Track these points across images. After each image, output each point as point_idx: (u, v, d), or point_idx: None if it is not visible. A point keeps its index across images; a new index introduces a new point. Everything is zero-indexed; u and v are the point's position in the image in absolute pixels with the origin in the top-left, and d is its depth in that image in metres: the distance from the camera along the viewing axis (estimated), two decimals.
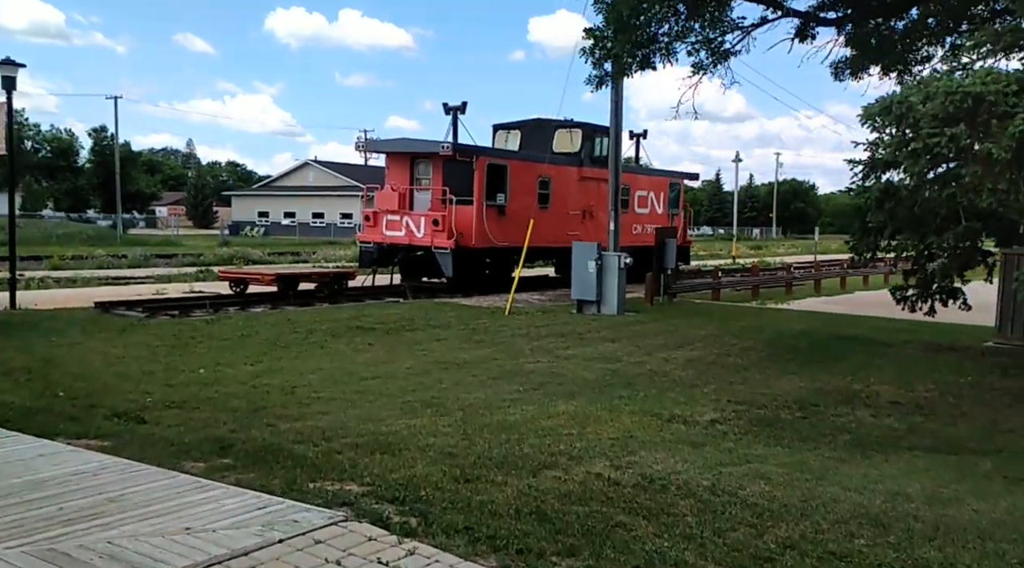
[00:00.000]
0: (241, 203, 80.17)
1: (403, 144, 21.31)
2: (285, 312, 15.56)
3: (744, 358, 11.37)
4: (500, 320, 15.08)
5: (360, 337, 12.70)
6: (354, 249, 37.56)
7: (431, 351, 11.55)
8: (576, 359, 11.04)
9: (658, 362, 10.93)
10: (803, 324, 15.16)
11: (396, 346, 11.95)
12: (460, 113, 22.60)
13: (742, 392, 9.20)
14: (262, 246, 45.91)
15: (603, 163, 24.21)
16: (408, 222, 20.55)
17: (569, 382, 9.51)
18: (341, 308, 16.46)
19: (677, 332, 13.83)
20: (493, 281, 21.43)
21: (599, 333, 13.60)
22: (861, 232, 10.44)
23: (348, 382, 9.13)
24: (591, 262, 16.82)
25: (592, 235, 23.84)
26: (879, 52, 15.35)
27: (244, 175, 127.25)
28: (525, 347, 12.01)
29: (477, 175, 20.30)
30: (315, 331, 13.12)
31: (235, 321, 14.01)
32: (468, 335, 13.15)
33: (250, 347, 11.52)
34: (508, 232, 21.19)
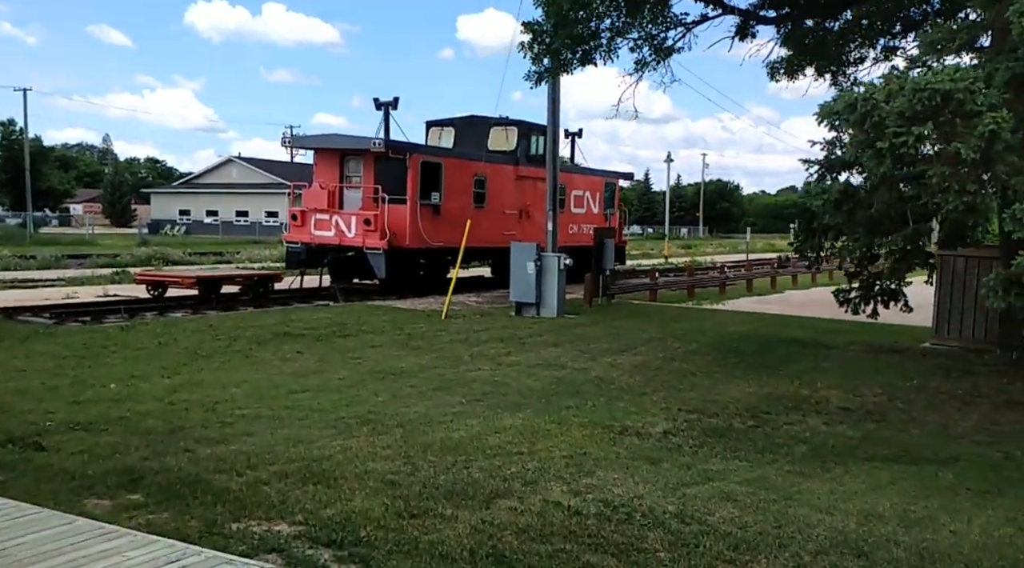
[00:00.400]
0: (161, 201, 77.42)
1: (333, 140, 20.51)
2: (207, 318, 14.68)
3: (690, 363, 11.07)
4: (437, 324, 14.51)
5: (288, 345, 11.97)
6: (280, 249, 36.39)
7: (365, 359, 10.92)
8: (519, 366, 10.57)
9: (604, 368, 10.54)
10: (744, 326, 15.01)
11: (327, 354, 11.28)
12: (392, 109, 21.91)
13: (692, 399, 8.86)
14: (183, 246, 44.18)
15: (539, 162, 23.85)
16: (338, 221, 19.78)
17: (514, 392, 9.02)
18: (267, 313, 15.64)
19: (620, 335, 13.49)
20: (427, 282, 20.85)
21: (541, 337, 13.16)
22: (806, 233, 10.25)
23: (275, 396, 8.45)
24: (530, 263, 16.39)
25: (529, 235, 23.45)
26: (814, 53, 15.35)
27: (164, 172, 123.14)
28: (465, 354, 11.48)
29: (411, 173, 19.66)
30: (239, 338, 12.33)
31: (152, 328, 13.10)
32: (404, 341, 12.55)
33: (168, 357, 10.69)
34: (443, 232, 20.62)
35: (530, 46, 13.47)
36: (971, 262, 12.28)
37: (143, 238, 50.47)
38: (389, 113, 21.90)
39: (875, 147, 6.06)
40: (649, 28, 11.90)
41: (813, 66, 15.74)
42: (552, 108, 18.79)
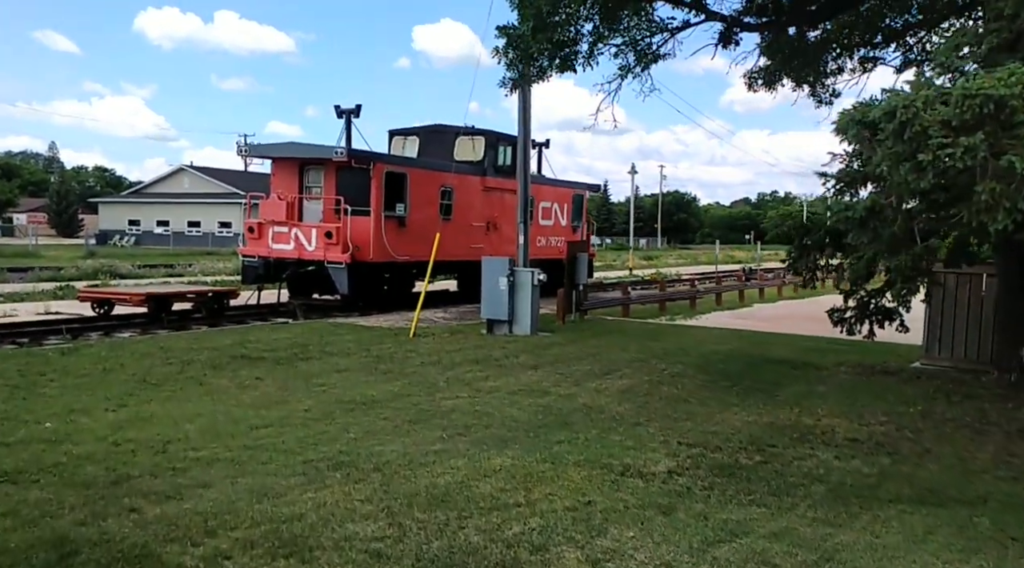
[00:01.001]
0: (109, 210, 75.13)
1: (292, 149, 19.58)
2: (157, 338, 13.66)
3: (679, 387, 10.43)
4: (406, 344, 13.69)
5: (246, 369, 11.06)
6: (235, 261, 35.14)
7: (331, 386, 10.07)
8: (499, 393, 9.81)
9: (590, 394, 9.83)
10: (725, 344, 14.45)
11: (289, 381, 10.41)
12: (354, 117, 21.04)
13: (690, 431, 8.20)
14: (132, 257, 42.61)
15: (507, 173, 23.21)
16: (298, 234, 18.86)
17: (497, 424, 8.27)
18: (223, 332, 14.66)
19: (600, 356, 12.81)
20: (392, 298, 20.01)
21: (517, 358, 12.42)
22: (800, 249, 9.69)
23: (235, 433, 7.58)
24: (502, 279, 15.67)
25: (496, 248, 22.77)
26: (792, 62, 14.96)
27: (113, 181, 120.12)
28: (439, 379, 10.69)
29: (375, 184, 18.84)
30: (192, 362, 11.39)
31: (97, 351, 12.07)
32: (372, 364, 11.72)
33: (113, 385, 9.73)
34: (408, 245, 19.82)
35: (504, 51, 12.79)
36: (963, 279, 11.89)
37: (90, 249, 48.66)
38: (351, 121, 21.04)
39: (915, 160, 5.48)
40: (633, 33, 11.29)
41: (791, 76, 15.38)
42: (523, 117, 18.13)
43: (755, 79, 15.75)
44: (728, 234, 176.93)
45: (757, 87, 15.81)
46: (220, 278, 28.45)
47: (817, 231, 9.67)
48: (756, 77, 15.76)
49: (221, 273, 31.60)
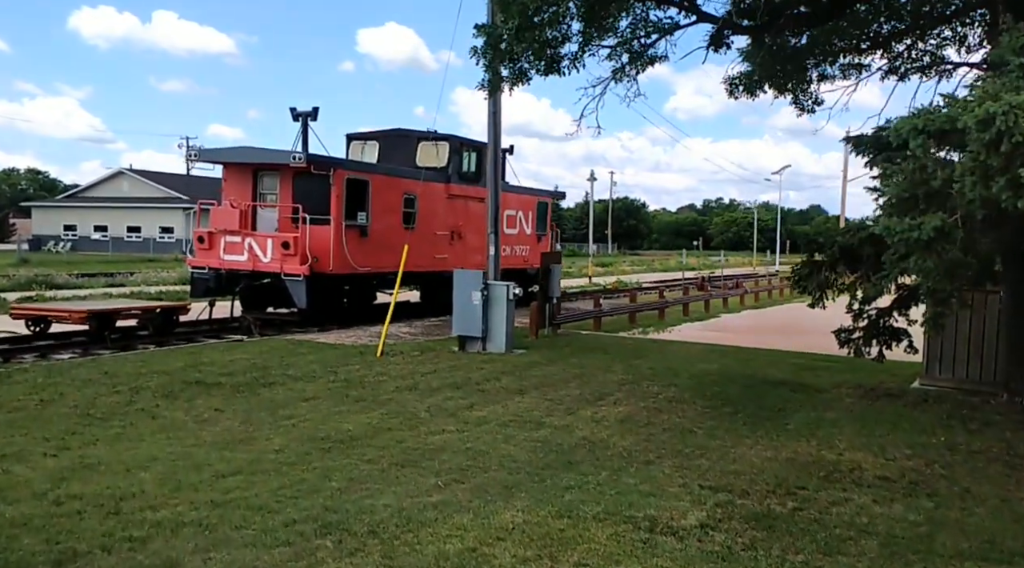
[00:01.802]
0: (44, 215, 72.02)
1: (245, 153, 18.42)
2: (100, 361, 12.43)
3: (681, 414, 9.67)
4: (375, 365, 12.71)
5: (203, 398, 9.98)
6: (180, 270, 33.56)
7: (301, 419, 9.07)
8: (489, 424, 8.92)
9: (588, 425, 9.00)
10: (711, 362, 13.78)
11: (253, 412, 9.36)
12: (311, 120, 19.97)
13: (708, 470, 7.42)
14: (69, 265, 40.59)
15: (472, 179, 22.37)
16: (252, 244, 17.69)
17: (496, 465, 7.38)
18: (173, 353, 13.47)
19: (586, 377, 12.01)
20: (351, 311, 18.97)
21: (499, 381, 11.54)
22: (811, 268, 9.03)
23: (198, 484, 6.55)
24: (476, 293, 14.77)
25: (461, 258, 21.90)
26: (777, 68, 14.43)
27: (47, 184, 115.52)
28: (420, 407, 9.75)
29: (335, 191, 17.78)
30: (142, 390, 10.26)
31: (32, 377, 10.83)
32: (342, 390, 10.72)
33: (52, 421, 8.58)
34: (370, 256, 18.81)
35: (483, 52, 11.94)
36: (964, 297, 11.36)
37: (23, 256, 46.28)
38: (308, 124, 19.96)
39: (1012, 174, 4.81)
40: (627, 33, 10.54)
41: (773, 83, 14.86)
42: (492, 122, 17.25)
43: (736, 86, 15.19)
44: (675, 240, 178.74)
45: (738, 94, 15.23)
46: (164, 289, 26.95)
47: (829, 247, 9.03)
48: (737, 83, 15.20)
49: (165, 283, 30.01)
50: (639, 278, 45.15)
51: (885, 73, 14.85)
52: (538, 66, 10.90)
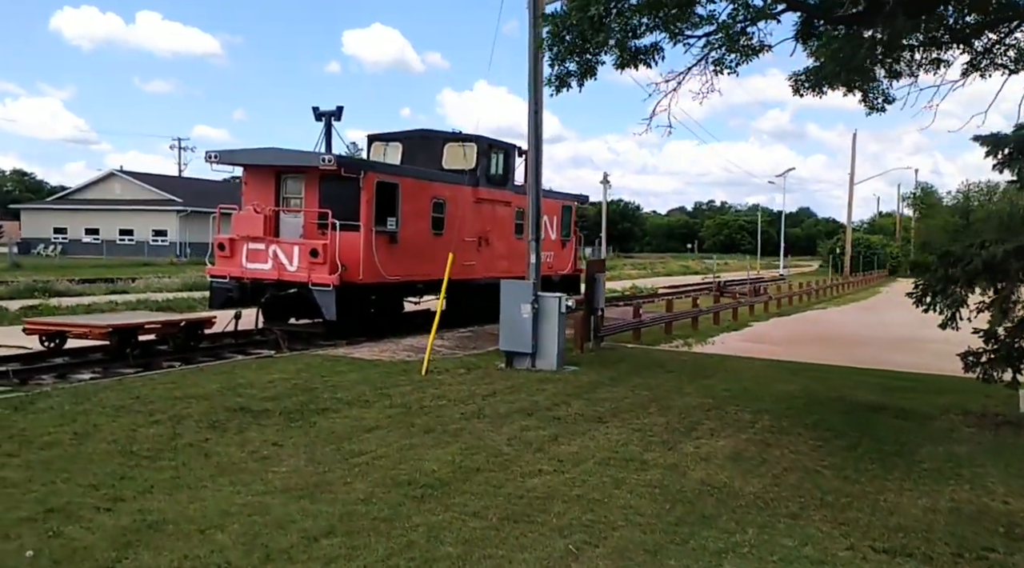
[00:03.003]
0: (33, 217, 70.38)
1: (268, 155, 17.30)
2: (127, 383, 11.32)
3: (792, 449, 8.69)
4: (426, 386, 11.69)
5: (254, 429, 8.91)
6: (183, 275, 32.41)
7: (372, 455, 8.02)
8: (587, 463, 7.91)
9: (697, 464, 8.00)
10: (788, 383, 12.82)
11: (315, 446, 8.31)
12: (335, 119, 18.97)
13: (869, 527, 6.42)
14: (62, 269, 39.28)
15: (499, 182, 21.39)
16: (277, 252, 16.60)
17: (620, 519, 6.36)
18: (203, 372, 12.37)
19: (662, 401, 11.03)
20: (378, 323, 17.92)
21: (570, 406, 10.53)
22: (944, 281, 8.09)
23: (289, 550, 5.51)
24: (526, 306, 13.76)
25: (488, 265, 20.93)
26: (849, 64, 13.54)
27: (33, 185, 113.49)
28: (498, 440, 8.72)
29: (365, 195, 16.72)
30: (184, 419, 9.19)
31: (58, 404, 9.73)
32: (404, 418, 9.68)
33: (94, 461, 7.50)
34: (400, 263, 17.78)
35: (551, 44, 10.92)
36: None
37: (14, 260, 44.85)
38: (331, 124, 18.94)
39: None
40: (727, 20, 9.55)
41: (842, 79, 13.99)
42: (533, 120, 16.20)
43: (802, 83, 14.29)
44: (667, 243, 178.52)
45: (803, 91, 14.35)
46: (171, 296, 25.76)
47: (968, 261, 8.10)
48: (803, 81, 14.31)
49: (168, 289, 28.82)
50: (650, 283, 44.25)
51: (964, 70, 14.01)
52: (622, 58, 9.87)
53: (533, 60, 16.05)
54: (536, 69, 16.05)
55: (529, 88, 16.16)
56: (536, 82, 16.06)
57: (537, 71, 16.05)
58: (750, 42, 9.84)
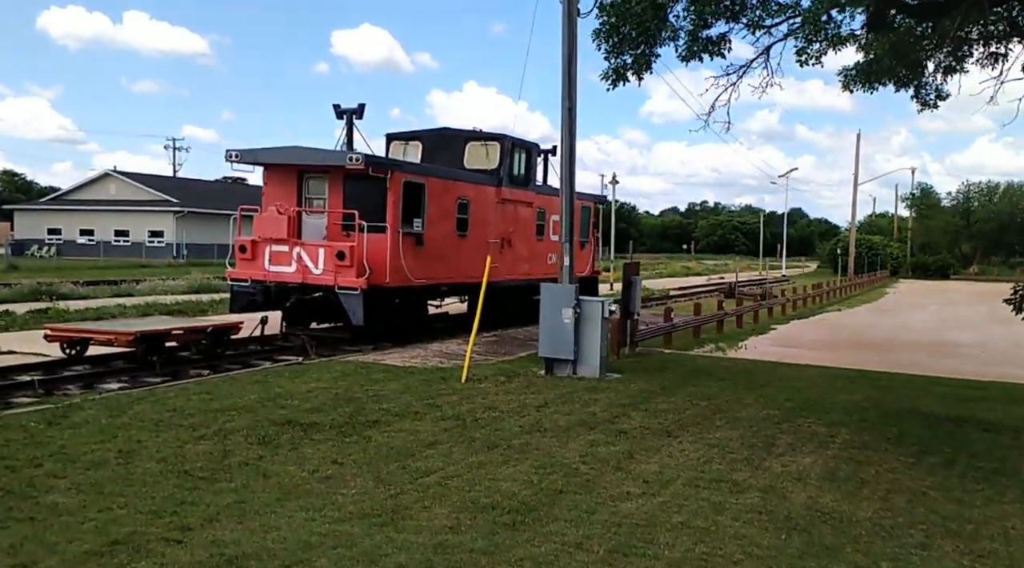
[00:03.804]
0: (25, 218, 69.29)
1: (290, 154, 16.71)
2: (159, 394, 10.71)
3: (885, 466, 8.17)
4: (473, 396, 11.16)
5: (309, 446, 8.34)
6: (188, 277, 31.71)
7: (441, 474, 7.47)
8: (675, 484, 7.37)
9: (794, 485, 7.47)
10: (850, 393, 12.29)
11: (378, 464, 7.75)
12: (357, 118, 18.37)
13: (1007, 557, 5.92)
14: (59, 271, 38.51)
15: (522, 183, 20.86)
16: (301, 254, 16.00)
17: (738, 551, 5.82)
18: (236, 382, 11.76)
19: (725, 412, 10.52)
20: (401, 328, 17.35)
21: (631, 418, 10.00)
22: None
23: None
24: (568, 310, 13.21)
25: (510, 267, 20.40)
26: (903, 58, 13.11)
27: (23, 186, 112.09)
28: (570, 457, 8.18)
29: (391, 195, 16.15)
30: (230, 434, 8.61)
31: (94, 417, 9.13)
32: (461, 431, 9.13)
33: (148, 483, 6.91)
34: (425, 266, 17.23)
35: (606, 35, 10.42)
36: None
37: (11, 261, 44.01)
38: (353, 123, 18.35)
39: None
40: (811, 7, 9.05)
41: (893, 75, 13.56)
42: (568, 117, 15.62)
43: (853, 78, 13.85)
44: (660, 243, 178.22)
45: (854, 87, 13.92)
46: (179, 299, 25.09)
47: None
48: (855, 77, 13.86)
49: (173, 292, 28.11)
50: (657, 284, 43.76)
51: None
52: (692, 49, 9.36)
53: (567, 58, 15.49)
54: (570, 66, 15.50)
55: (563, 85, 15.58)
56: (570, 78, 15.51)
57: (571, 68, 15.51)
58: (837, 30, 9.30)
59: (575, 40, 15.73)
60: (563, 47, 15.71)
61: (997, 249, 73.86)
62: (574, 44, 15.69)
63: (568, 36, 15.57)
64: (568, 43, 15.52)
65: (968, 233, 75.86)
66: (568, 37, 15.57)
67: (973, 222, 76.01)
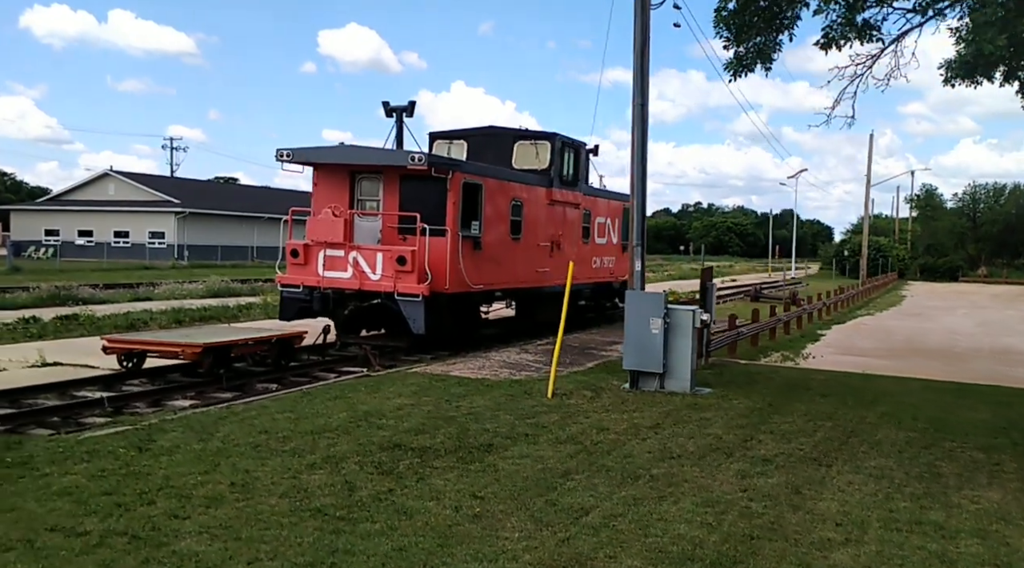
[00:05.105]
0: (21, 219, 67.85)
1: (344, 153, 15.84)
2: (238, 411, 9.82)
3: None
4: (571, 412, 10.42)
5: (436, 476, 7.49)
6: (209, 281, 30.71)
7: (602, 514, 6.66)
8: (873, 528, 6.54)
9: (1004, 527, 6.66)
10: (973, 410, 11.46)
11: (521, 500, 6.93)
12: (407, 116, 17.53)
13: None
14: (63, 273, 37.39)
15: (571, 184, 20.09)
16: (358, 259, 15.12)
17: None
18: (312, 397, 10.87)
19: (859, 434, 9.75)
20: (460, 336, 16.52)
21: (761, 443, 9.18)
22: None
23: None
24: (656, 319, 12.40)
25: (559, 271, 19.55)
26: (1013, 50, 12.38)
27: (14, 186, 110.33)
28: (729, 490, 7.37)
29: (451, 197, 15.30)
30: (342, 462, 7.77)
31: (183, 442, 8.26)
32: (585, 457, 8.33)
33: (285, 525, 6.06)
34: (483, 271, 16.40)
35: (728, 20, 9.62)
36: None
37: (13, 263, 42.81)
38: (403, 121, 17.50)
39: None
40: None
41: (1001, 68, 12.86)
42: (640, 113, 14.80)
43: (955, 71, 13.14)
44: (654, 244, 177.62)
45: (955, 82, 13.20)
46: (206, 304, 24.10)
47: None
48: (957, 70, 13.15)
49: (193, 296, 27.15)
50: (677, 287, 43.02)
51: None
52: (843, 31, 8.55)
53: (639, 51, 14.71)
54: (643, 59, 14.72)
55: (634, 80, 14.83)
56: (642, 73, 14.74)
57: (644, 61, 14.74)
58: None
59: (648, 32, 14.95)
60: (635, 40, 14.96)
61: (1003, 251, 73.57)
62: (647, 36, 14.91)
63: (640, 28, 14.82)
64: (640, 35, 14.76)
65: (974, 235, 75.54)
66: (640, 29, 14.81)
67: (980, 224, 75.73)
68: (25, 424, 8.98)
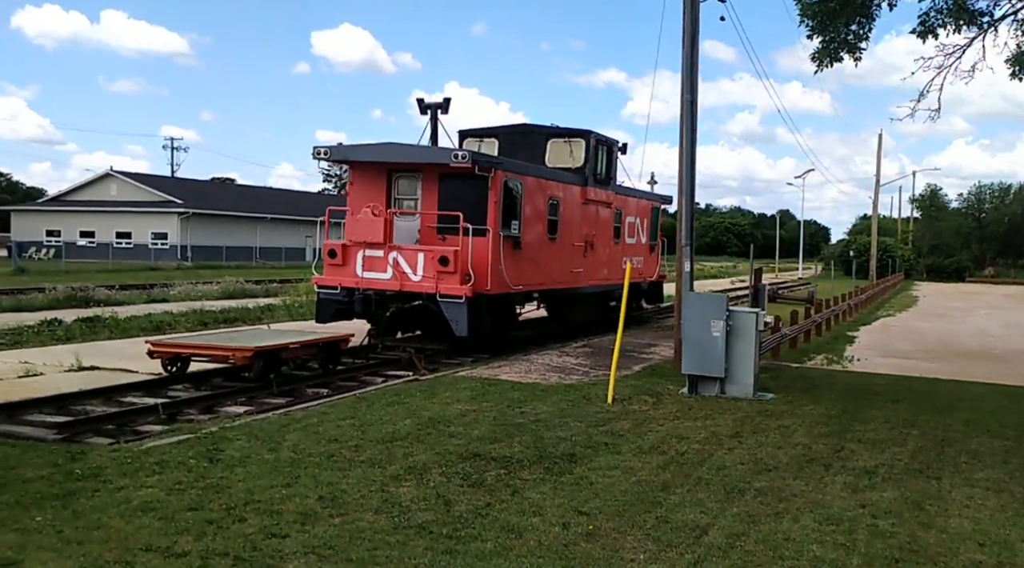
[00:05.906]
0: (22, 220, 67.17)
1: (383, 151, 15.36)
2: (296, 418, 9.35)
3: None
4: (641, 420, 10.04)
5: (530, 489, 7.05)
6: (224, 281, 30.19)
7: (723, 533, 6.24)
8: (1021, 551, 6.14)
9: None
10: None
11: (628, 516, 6.51)
12: (442, 113, 17.10)
13: None
14: (68, 274, 36.80)
15: (604, 182, 19.65)
16: (398, 260, 14.66)
17: None
18: (369, 403, 10.41)
19: (951, 442, 9.33)
20: (500, 338, 16.08)
21: (855, 453, 8.74)
22: None
23: None
24: (717, 322, 11.95)
25: (592, 272, 19.19)
26: None
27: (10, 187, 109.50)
28: (846, 507, 6.93)
29: (492, 196, 14.86)
30: (425, 473, 7.34)
31: (253, 452, 7.80)
32: (679, 469, 7.90)
33: (392, 544, 5.62)
34: (522, 272, 15.98)
35: (811, 9, 9.19)
36: None
37: (18, 265, 42.17)
38: (438, 118, 17.07)
39: None
40: None
41: None
42: (688, 110, 14.38)
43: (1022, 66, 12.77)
44: None
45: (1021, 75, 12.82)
46: (227, 305, 23.58)
47: None
48: None
49: (209, 296, 26.62)
50: None
51: None
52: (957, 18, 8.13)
53: (689, 45, 14.31)
54: (692, 54, 14.32)
55: (683, 74, 14.44)
56: (692, 68, 14.32)
57: (693, 56, 14.33)
58: None
59: (698, 25, 14.53)
60: (684, 34, 14.55)
61: (1008, 251, 73.42)
62: (696, 29, 14.50)
63: (691, 21, 14.40)
64: (691, 29, 14.35)
65: (979, 235, 75.36)
66: (691, 22, 14.40)
67: (985, 224, 75.57)
68: (82, 432, 8.50)
